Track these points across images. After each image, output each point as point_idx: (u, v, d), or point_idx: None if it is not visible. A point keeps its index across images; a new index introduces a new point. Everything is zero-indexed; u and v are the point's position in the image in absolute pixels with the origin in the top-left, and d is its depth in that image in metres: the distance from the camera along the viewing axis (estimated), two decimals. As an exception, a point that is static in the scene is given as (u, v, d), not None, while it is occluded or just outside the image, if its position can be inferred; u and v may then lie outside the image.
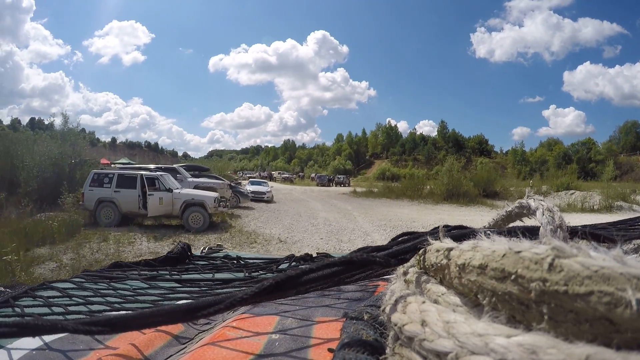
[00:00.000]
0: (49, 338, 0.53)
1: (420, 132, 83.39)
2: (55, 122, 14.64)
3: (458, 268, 0.27)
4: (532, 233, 0.43)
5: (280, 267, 0.95)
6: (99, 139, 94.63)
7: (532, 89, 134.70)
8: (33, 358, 0.49)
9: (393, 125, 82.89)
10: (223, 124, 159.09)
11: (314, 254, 1.06)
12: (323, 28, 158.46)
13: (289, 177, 55.28)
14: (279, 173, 61.34)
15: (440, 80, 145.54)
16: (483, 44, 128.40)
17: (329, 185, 42.69)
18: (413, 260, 0.39)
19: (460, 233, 0.45)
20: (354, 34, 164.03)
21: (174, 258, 1.01)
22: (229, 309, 0.36)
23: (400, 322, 0.27)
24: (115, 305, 0.62)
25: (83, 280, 0.80)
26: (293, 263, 0.97)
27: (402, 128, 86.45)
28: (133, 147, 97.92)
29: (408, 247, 0.41)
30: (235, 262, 1.03)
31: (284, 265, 0.96)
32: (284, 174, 59.02)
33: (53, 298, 0.66)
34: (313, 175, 55.51)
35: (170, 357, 0.50)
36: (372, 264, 0.39)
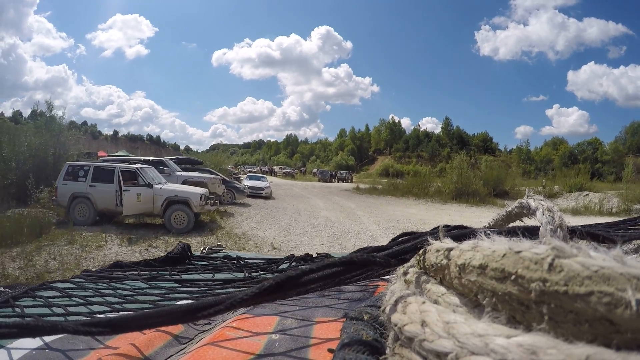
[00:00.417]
0: (49, 338, 0.53)
1: (424, 128, 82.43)
2: (58, 113, 13.56)
3: (458, 268, 0.27)
4: (532, 233, 0.43)
5: (281, 267, 0.95)
6: (101, 132, 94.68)
7: (535, 88, 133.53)
8: (33, 358, 0.49)
9: (397, 121, 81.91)
10: (226, 118, 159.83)
11: (314, 254, 1.06)
12: (327, 24, 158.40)
13: (291, 172, 53.57)
14: (280, 168, 59.74)
15: (444, 78, 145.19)
16: (487, 42, 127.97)
17: (331, 181, 41.44)
18: (413, 261, 0.39)
19: (460, 233, 0.45)
20: (358, 30, 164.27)
21: (174, 258, 1.01)
22: (229, 310, 0.36)
23: (400, 322, 0.27)
24: (116, 306, 0.62)
25: (83, 281, 0.80)
26: (293, 263, 0.97)
27: (405, 125, 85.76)
28: (135, 140, 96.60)
29: (408, 247, 0.41)
30: (235, 262, 1.03)
31: (284, 266, 0.96)
32: (286, 169, 57.17)
33: (53, 298, 0.66)
34: (315, 171, 54.13)
35: (171, 357, 0.50)
36: (372, 265, 0.39)
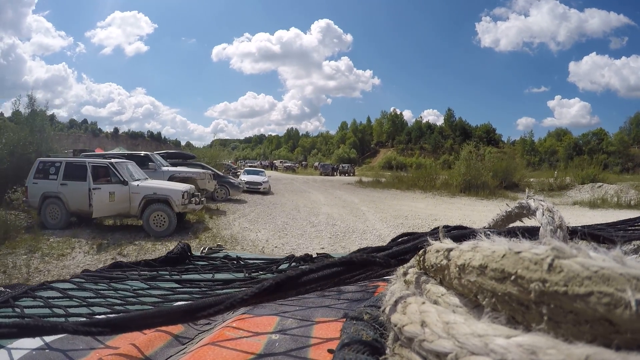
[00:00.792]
0: (49, 338, 0.53)
1: (426, 120, 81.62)
2: (41, 108, 12.42)
3: (458, 269, 0.27)
4: (532, 233, 0.43)
5: (280, 267, 0.95)
6: (101, 130, 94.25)
7: (537, 79, 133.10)
8: (33, 358, 0.49)
9: (398, 113, 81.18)
10: (227, 113, 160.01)
11: (314, 254, 1.06)
12: (327, 17, 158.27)
13: (292, 166, 52.39)
14: (281, 162, 58.49)
15: (445, 70, 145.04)
16: (488, 34, 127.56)
17: (333, 175, 40.62)
18: (413, 261, 0.39)
19: (460, 233, 0.45)
20: (358, 23, 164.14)
21: (174, 258, 1.01)
22: (229, 310, 0.36)
23: (400, 322, 0.27)
24: (116, 307, 0.62)
25: (83, 281, 0.80)
26: (293, 263, 0.97)
27: (406, 117, 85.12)
28: (136, 137, 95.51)
29: (408, 247, 0.41)
30: (235, 262, 1.03)
31: (284, 266, 0.96)
32: (287, 163, 56.11)
33: (53, 299, 0.66)
34: (316, 164, 53.05)
35: (171, 357, 0.50)
36: (372, 265, 0.39)
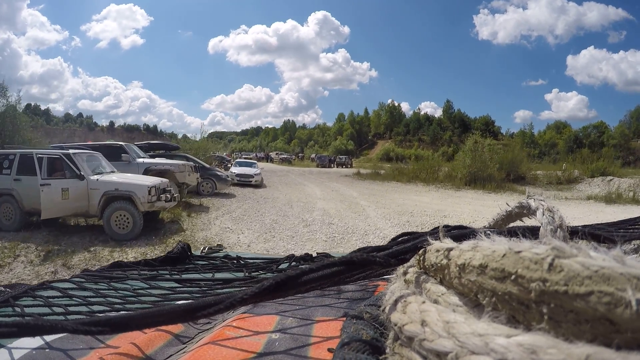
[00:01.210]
0: (50, 337, 0.53)
1: (424, 112, 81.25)
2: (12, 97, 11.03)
3: (458, 268, 0.27)
4: (532, 233, 0.43)
5: (280, 267, 0.95)
6: (97, 123, 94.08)
7: (535, 72, 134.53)
8: (33, 357, 0.49)
9: (396, 105, 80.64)
10: (223, 106, 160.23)
11: (314, 254, 1.06)
12: (324, 9, 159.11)
13: (288, 157, 51.35)
14: (277, 154, 57.80)
15: (442, 62, 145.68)
16: (486, 26, 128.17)
17: (330, 167, 39.66)
18: (413, 260, 0.39)
19: (460, 233, 0.45)
20: (356, 15, 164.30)
21: (174, 258, 1.01)
22: (229, 309, 0.36)
23: (400, 322, 0.27)
24: (116, 306, 0.62)
25: (83, 280, 0.80)
26: (293, 263, 0.97)
27: (404, 109, 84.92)
28: (132, 130, 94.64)
29: (408, 247, 0.41)
30: (235, 262, 1.03)
31: (284, 265, 0.96)
32: (282, 155, 55.31)
33: (53, 298, 0.66)
34: (313, 156, 52.71)
35: (171, 356, 0.50)
36: (372, 264, 0.39)
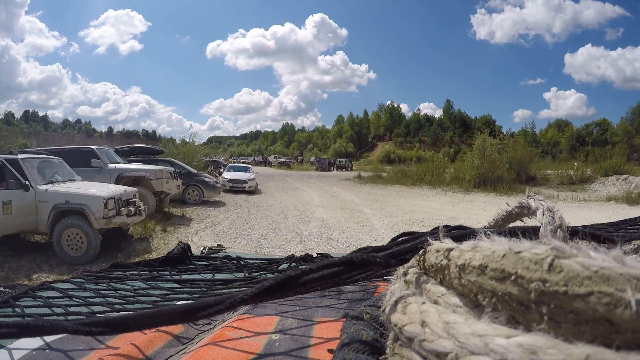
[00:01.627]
0: (50, 338, 0.53)
1: (425, 112, 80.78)
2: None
3: (458, 268, 0.27)
4: (532, 233, 0.43)
5: (280, 267, 0.95)
6: (95, 129, 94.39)
7: (533, 71, 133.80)
8: (33, 358, 0.49)
9: (396, 106, 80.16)
10: (223, 110, 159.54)
11: (314, 254, 1.06)
12: (321, 11, 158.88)
13: (287, 161, 49.61)
14: (275, 157, 55.78)
15: (441, 63, 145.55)
16: (483, 26, 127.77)
17: (330, 170, 38.58)
18: (413, 261, 0.39)
19: (460, 233, 0.45)
20: (353, 17, 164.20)
21: (174, 258, 1.01)
22: (229, 310, 0.36)
23: (400, 322, 0.27)
24: (116, 306, 0.62)
25: (83, 281, 0.80)
26: (293, 263, 0.97)
27: (403, 110, 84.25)
28: (130, 135, 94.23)
29: (408, 247, 0.41)
30: (235, 262, 1.03)
31: (284, 266, 0.96)
32: (281, 158, 53.08)
33: (53, 298, 0.66)
34: (312, 159, 51.52)
35: (171, 357, 0.50)
36: (372, 265, 0.39)
